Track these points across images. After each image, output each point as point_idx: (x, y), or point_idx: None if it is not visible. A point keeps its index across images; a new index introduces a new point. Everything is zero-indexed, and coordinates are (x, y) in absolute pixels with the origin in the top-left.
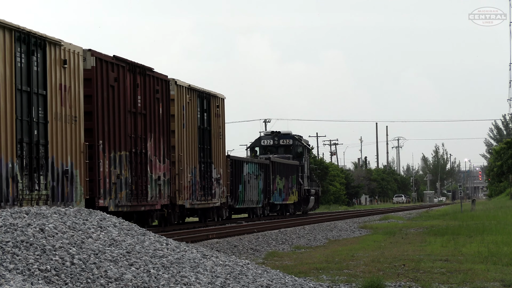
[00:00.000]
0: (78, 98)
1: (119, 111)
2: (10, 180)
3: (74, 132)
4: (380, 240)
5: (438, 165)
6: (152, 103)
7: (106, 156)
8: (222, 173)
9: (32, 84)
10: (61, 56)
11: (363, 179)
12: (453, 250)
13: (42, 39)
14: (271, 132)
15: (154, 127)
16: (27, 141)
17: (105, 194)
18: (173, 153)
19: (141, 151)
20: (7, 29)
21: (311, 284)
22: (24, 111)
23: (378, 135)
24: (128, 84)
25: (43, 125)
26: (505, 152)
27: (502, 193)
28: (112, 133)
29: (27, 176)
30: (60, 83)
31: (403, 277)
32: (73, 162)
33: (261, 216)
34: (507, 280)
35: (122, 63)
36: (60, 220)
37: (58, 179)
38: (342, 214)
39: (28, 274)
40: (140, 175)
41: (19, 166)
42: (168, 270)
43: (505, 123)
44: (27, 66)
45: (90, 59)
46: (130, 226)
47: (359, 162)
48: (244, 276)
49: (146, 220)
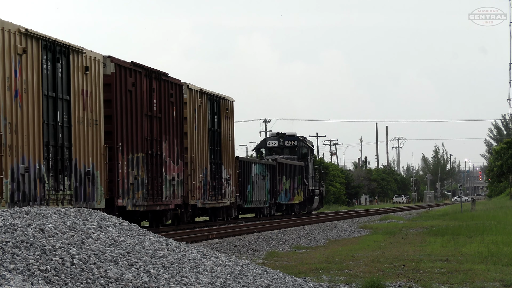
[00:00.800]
0: (99, 102)
1: (136, 114)
2: (37, 181)
3: (95, 135)
4: (380, 240)
5: (438, 165)
6: (166, 106)
7: (125, 158)
8: (231, 173)
9: (57, 89)
10: (83, 63)
11: (363, 179)
12: (453, 250)
13: (66, 47)
14: (276, 134)
15: (169, 129)
16: (53, 144)
17: (124, 194)
18: (186, 155)
19: (156, 152)
20: (35, 38)
21: (311, 284)
22: (50, 115)
23: (378, 135)
24: (145, 89)
25: (67, 129)
26: (505, 152)
27: (502, 193)
28: (130, 136)
29: (53, 177)
30: (82, 89)
31: (403, 277)
32: (94, 163)
33: (268, 216)
34: (507, 280)
35: (139, 68)
36: (60, 220)
37: (80, 180)
38: (342, 214)
39: (28, 274)
40: (156, 175)
41: (45, 167)
42: (168, 270)
43: (505, 123)
44: (53, 72)
45: (110, 65)
46: (130, 226)
47: (359, 162)
48: (244, 276)
49: (161, 219)
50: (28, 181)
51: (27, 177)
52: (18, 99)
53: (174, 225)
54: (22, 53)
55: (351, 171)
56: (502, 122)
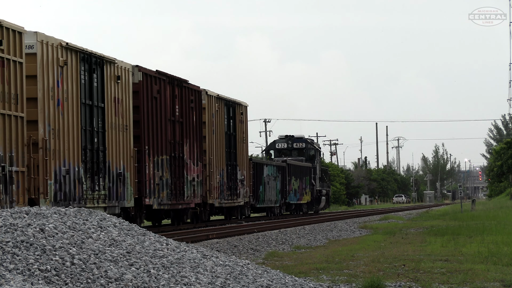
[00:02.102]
0: (128, 109)
1: (161, 119)
2: (76, 182)
3: (125, 139)
4: (380, 240)
5: (438, 165)
6: (187, 111)
7: (151, 160)
8: (245, 174)
9: (93, 98)
10: (115, 72)
11: (363, 179)
12: (453, 250)
13: (100, 58)
14: (285, 136)
15: (189, 133)
16: (89, 148)
17: (150, 194)
18: (205, 157)
19: (178, 155)
20: (74, 51)
21: (311, 284)
22: (87, 121)
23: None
24: (168, 95)
25: (102, 134)
26: (505, 152)
27: (502, 193)
28: (155, 139)
29: (90, 178)
30: (114, 96)
31: (403, 277)
32: (125, 165)
33: (278, 215)
34: (507, 280)
35: (163, 76)
36: (60, 220)
37: (113, 180)
38: (342, 214)
39: (28, 274)
40: (178, 176)
41: (83, 170)
42: (168, 270)
43: (505, 123)
44: (89, 82)
45: (138, 74)
46: (130, 226)
47: (359, 162)
48: (244, 276)
49: (182, 217)
50: (68, 182)
51: (68, 178)
52: (60, 107)
53: (193, 223)
54: (63, 65)
55: (351, 171)
56: (502, 122)
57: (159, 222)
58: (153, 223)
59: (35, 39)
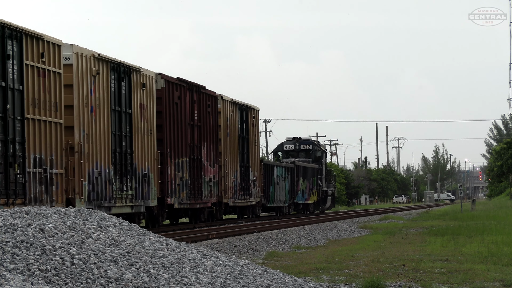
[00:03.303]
0: (152, 114)
1: (181, 123)
2: (107, 183)
3: (150, 143)
4: (380, 240)
5: (438, 165)
6: (204, 116)
7: (172, 162)
8: (257, 175)
9: (121, 104)
10: (141, 80)
11: (363, 179)
12: (453, 250)
13: (128, 68)
14: (292, 138)
15: (206, 136)
16: (118, 151)
17: (172, 194)
18: (220, 158)
19: (197, 157)
20: (105, 61)
21: (311, 284)
22: (116, 126)
23: (378, 135)
24: (188, 101)
25: (129, 138)
26: (505, 152)
27: (502, 193)
28: (176, 142)
29: (119, 179)
30: (140, 103)
31: (403, 277)
32: (149, 167)
33: (287, 214)
34: (507, 280)
35: (183, 83)
36: (60, 220)
37: (139, 181)
38: (342, 214)
39: (28, 274)
40: (197, 177)
41: (113, 171)
42: (168, 270)
43: (505, 123)
44: (118, 90)
45: (160, 81)
46: (130, 226)
47: (359, 162)
48: (244, 276)
49: (199, 216)
50: (100, 183)
51: (100, 179)
52: (93, 114)
53: (209, 221)
54: (95, 75)
55: (351, 171)
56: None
57: (176, 220)
58: (171, 221)
59: (71, 51)
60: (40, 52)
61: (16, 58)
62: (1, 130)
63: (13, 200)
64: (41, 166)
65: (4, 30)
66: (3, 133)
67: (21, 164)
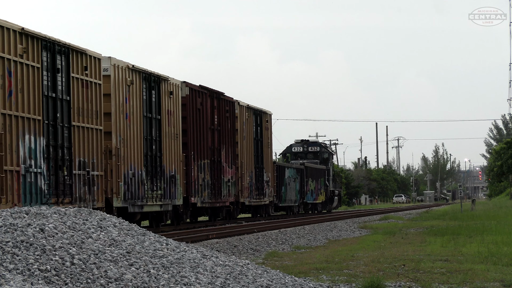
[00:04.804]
0: (178, 119)
1: (203, 128)
2: (140, 183)
3: (176, 146)
4: (380, 240)
5: (438, 165)
6: (223, 120)
7: (195, 164)
8: (270, 176)
9: (152, 111)
10: (168, 88)
11: (363, 179)
12: (453, 250)
13: (157, 77)
14: (300, 141)
15: (225, 139)
16: (149, 154)
17: (195, 193)
18: (237, 160)
19: (217, 159)
20: (137, 71)
21: (311, 284)
22: (147, 131)
23: (378, 135)
24: (209, 107)
25: (159, 142)
26: (505, 152)
27: (502, 193)
28: (199, 146)
29: (150, 180)
30: (168, 109)
31: (403, 277)
32: (176, 169)
33: (297, 214)
34: (507, 280)
35: (205, 90)
36: (60, 220)
37: (167, 182)
38: (342, 214)
39: (28, 274)
40: (217, 178)
41: (145, 173)
42: (168, 270)
43: (505, 123)
44: (149, 98)
45: (185, 89)
46: (130, 226)
47: (359, 162)
48: (244, 276)
49: (218, 214)
50: (134, 184)
51: (134, 180)
52: (128, 120)
53: (226, 219)
54: (130, 84)
55: (351, 171)
56: (502, 122)
57: (196, 218)
58: (191, 219)
59: (109, 63)
60: (84, 65)
61: (64, 72)
62: (52, 137)
63: (62, 200)
64: (84, 169)
65: (54, 46)
66: (53, 139)
67: (68, 167)
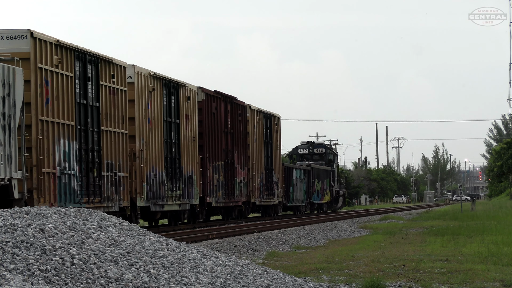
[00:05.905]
0: (195, 123)
1: (217, 131)
2: (161, 184)
3: (193, 148)
4: (380, 240)
5: (438, 165)
6: (236, 124)
7: (211, 165)
8: (279, 177)
9: (171, 115)
10: (186, 94)
11: (363, 179)
12: (453, 250)
13: (176, 83)
14: (306, 142)
15: (237, 142)
16: (169, 156)
17: (210, 193)
18: (249, 162)
19: (230, 161)
20: (158, 78)
21: (311, 284)
22: (167, 135)
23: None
24: (222, 111)
25: (177, 145)
26: (505, 152)
27: (502, 193)
28: (213, 148)
29: (170, 181)
30: (185, 113)
31: (403, 277)
32: (193, 170)
33: (304, 213)
34: (507, 280)
35: (219, 95)
36: (60, 220)
37: (185, 182)
38: (342, 214)
39: (28, 274)
40: (230, 179)
41: (165, 174)
42: (168, 270)
43: (505, 123)
44: (169, 103)
45: (201, 94)
46: (130, 226)
47: (359, 162)
48: (244, 276)
49: (230, 213)
50: (156, 184)
51: (155, 181)
52: (150, 124)
53: (238, 218)
54: (152, 91)
55: (351, 171)
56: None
57: (208, 217)
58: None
59: (133, 71)
60: (111, 73)
61: (94, 80)
62: (84, 141)
63: (92, 199)
64: (112, 170)
65: (85, 56)
66: (85, 143)
67: (98, 169)
